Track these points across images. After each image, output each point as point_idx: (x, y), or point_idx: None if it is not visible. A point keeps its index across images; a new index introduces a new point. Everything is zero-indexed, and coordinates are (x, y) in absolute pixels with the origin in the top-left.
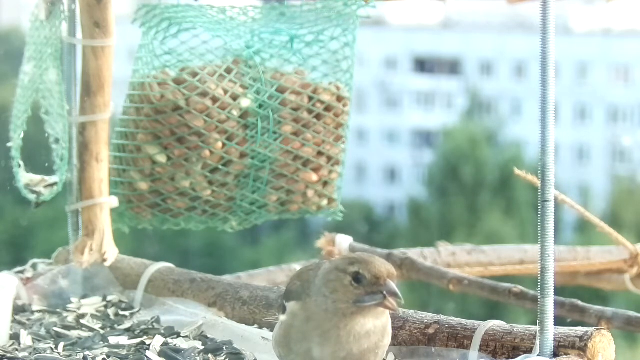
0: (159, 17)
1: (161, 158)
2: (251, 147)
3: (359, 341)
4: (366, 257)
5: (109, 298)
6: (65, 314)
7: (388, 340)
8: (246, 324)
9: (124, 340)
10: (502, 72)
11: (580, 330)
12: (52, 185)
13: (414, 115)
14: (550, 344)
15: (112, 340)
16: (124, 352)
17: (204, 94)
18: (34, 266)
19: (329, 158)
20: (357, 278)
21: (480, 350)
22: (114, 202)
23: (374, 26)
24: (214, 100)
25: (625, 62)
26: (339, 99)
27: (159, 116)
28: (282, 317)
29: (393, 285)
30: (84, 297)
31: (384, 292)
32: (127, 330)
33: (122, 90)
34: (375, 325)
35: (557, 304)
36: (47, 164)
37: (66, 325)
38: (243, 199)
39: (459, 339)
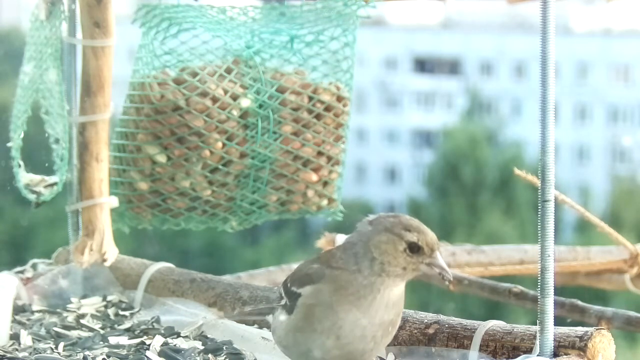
0: (159, 17)
1: (161, 158)
2: (251, 147)
3: (386, 309)
4: (418, 224)
5: (109, 298)
6: (65, 314)
7: (401, 312)
8: (246, 324)
9: (124, 340)
10: (502, 72)
11: (580, 330)
12: (52, 185)
13: (414, 115)
14: (550, 344)
15: (112, 340)
16: (124, 352)
17: (204, 94)
18: (34, 266)
19: (329, 158)
20: (412, 247)
21: (480, 350)
22: (114, 202)
23: (374, 26)
24: (214, 100)
25: (625, 62)
26: (339, 99)
27: (159, 116)
28: (285, 305)
29: (442, 260)
30: (84, 297)
31: (436, 265)
32: (127, 330)
33: (122, 90)
34: (402, 293)
35: (557, 304)
36: (47, 164)
37: (66, 325)
38: (243, 199)
39: (459, 339)
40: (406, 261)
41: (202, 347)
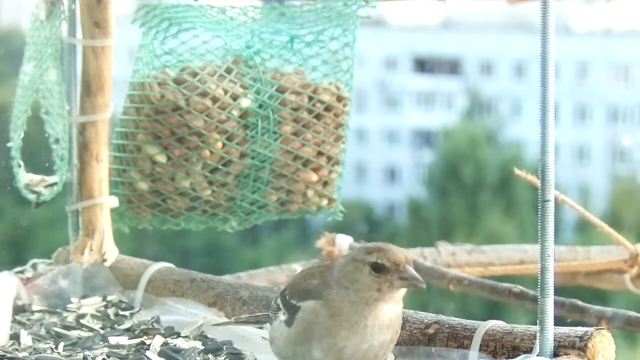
0: (159, 17)
1: (161, 158)
2: (251, 147)
3: (382, 332)
4: (382, 245)
5: (109, 298)
6: (65, 314)
7: (399, 329)
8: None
9: (124, 340)
10: (502, 72)
11: (580, 330)
12: (52, 185)
13: (414, 115)
14: (550, 344)
15: (112, 340)
16: (124, 352)
17: (204, 94)
18: (34, 266)
19: (329, 158)
20: (376, 267)
21: (480, 350)
22: (114, 202)
23: (374, 26)
24: (214, 100)
25: (625, 62)
26: (339, 99)
27: (159, 116)
28: (283, 317)
29: (412, 270)
30: (84, 297)
31: (406, 278)
32: (127, 330)
33: (122, 90)
34: (397, 314)
35: (557, 304)
36: (47, 164)
37: (66, 325)
38: (243, 199)
39: (459, 339)
40: (375, 282)
41: (202, 347)
